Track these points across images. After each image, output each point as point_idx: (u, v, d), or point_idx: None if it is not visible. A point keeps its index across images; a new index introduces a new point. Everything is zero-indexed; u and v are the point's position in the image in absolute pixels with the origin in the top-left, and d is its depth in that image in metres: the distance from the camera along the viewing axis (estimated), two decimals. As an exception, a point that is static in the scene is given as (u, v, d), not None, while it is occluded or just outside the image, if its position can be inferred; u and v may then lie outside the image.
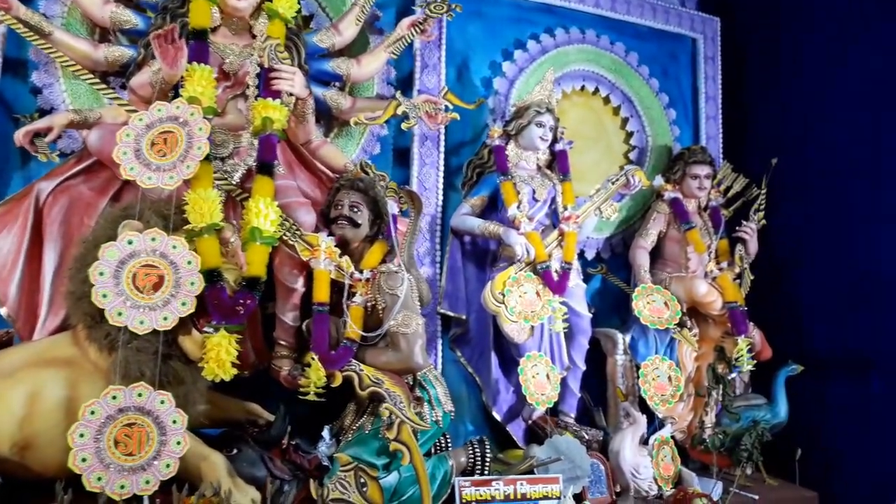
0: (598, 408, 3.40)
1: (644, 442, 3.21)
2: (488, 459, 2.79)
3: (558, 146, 3.48)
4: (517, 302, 3.07)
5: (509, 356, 3.26)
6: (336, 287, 2.68)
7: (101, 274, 2.23)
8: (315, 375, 2.51)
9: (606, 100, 3.95)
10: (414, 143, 3.37)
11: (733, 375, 3.69)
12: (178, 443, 2.20)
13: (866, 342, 3.67)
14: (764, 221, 3.83)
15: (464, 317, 3.30)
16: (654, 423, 3.43)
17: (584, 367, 3.43)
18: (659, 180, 3.81)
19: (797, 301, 3.97)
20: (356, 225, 2.74)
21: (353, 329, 2.60)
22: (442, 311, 3.29)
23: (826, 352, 3.81)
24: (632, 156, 3.99)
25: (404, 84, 3.41)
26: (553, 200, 3.39)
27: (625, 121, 3.99)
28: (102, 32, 2.87)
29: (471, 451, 2.80)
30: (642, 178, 3.47)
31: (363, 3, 3.14)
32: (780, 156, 3.86)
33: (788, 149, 4.00)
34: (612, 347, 3.52)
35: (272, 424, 2.59)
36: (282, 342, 2.71)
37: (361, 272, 2.70)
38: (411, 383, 2.71)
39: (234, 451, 2.49)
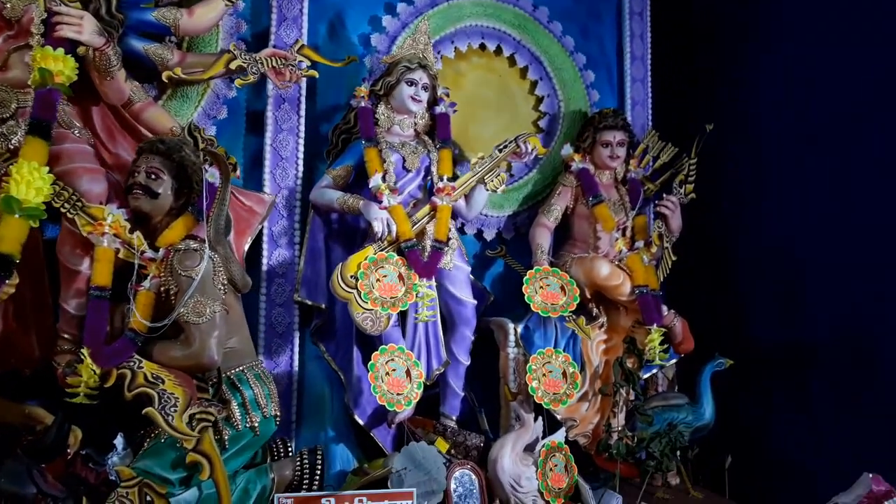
0: (481, 409, 2.94)
1: (531, 449, 2.75)
2: (318, 472, 2.36)
3: (438, 109, 3.03)
4: (374, 287, 2.62)
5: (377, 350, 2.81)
6: (128, 269, 2.26)
7: None
8: (86, 373, 2.10)
9: (512, 60, 3.48)
10: (268, 106, 2.93)
11: (654, 371, 3.23)
12: None
13: (806, 333, 3.18)
14: (693, 195, 3.34)
15: (323, 306, 2.85)
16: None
17: (467, 363, 2.98)
18: (567, 149, 3.34)
19: (731, 286, 3.49)
20: (154, 195, 2.31)
21: (137, 318, 2.17)
22: (299, 299, 2.85)
23: (764, 344, 3.33)
24: (542, 123, 3.53)
25: (260, 40, 2.98)
26: (427, 171, 2.94)
27: (534, 84, 3.52)
28: None
29: (298, 463, 2.36)
30: (536, 145, 3.01)
31: (194, -55, 2.71)
32: (717, 122, 3.36)
33: (726, 115, 3.51)
34: (503, 339, 3.06)
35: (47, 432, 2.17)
36: (64, 335, 2.29)
37: (157, 250, 2.28)
38: (217, 382, 2.27)
39: (-8, 463, 2.08)
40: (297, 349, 2.86)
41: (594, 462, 3.01)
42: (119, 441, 2.24)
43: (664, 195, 3.29)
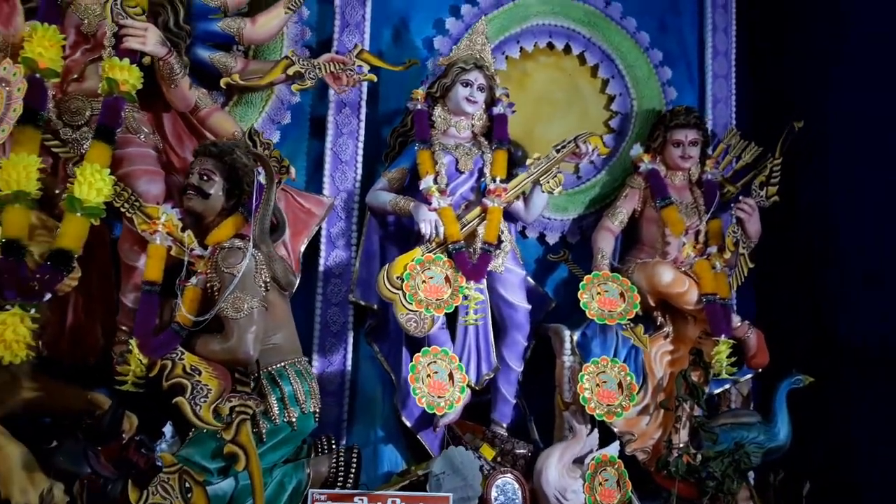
0: (531, 417, 2.87)
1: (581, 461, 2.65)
2: (353, 470, 2.38)
3: (496, 109, 2.98)
4: (419, 288, 2.62)
5: (427, 352, 2.81)
6: (181, 266, 2.38)
7: None
8: (133, 363, 2.23)
9: (581, 59, 3.38)
10: (330, 110, 3.01)
11: (726, 386, 3.02)
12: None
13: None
14: (776, 198, 3.10)
15: (375, 307, 2.88)
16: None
17: (518, 369, 2.91)
18: (637, 150, 3.20)
19: (819, 295, 3.20)
20: (205, 195, 2.42)
21: (183, 312, 2.28)
22: (353, 299, 2.90)
23: (852, 357, 3.03)
24: (613, 123, 3.40)
25: (325, 47, 3.06)
26: (482, 173, 2.90)
27: (605, 83, 3.40)
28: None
29: (335, 460, 2.40)
30: (597, 145, 2.90)
31: (258, -44, 2.83)
32: (806, 120, 3.11)
33: (815, 113, 3.24)
34: (559, 346, 2.96)
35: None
36: (123, 327, 2.44)
37: (206, 248, 2.39)
38: (259, 377, 2.34)
39: (54, 443, 2.26)
40: (350, 349, 2.91)
41: (654, 480, 2.85)
42: (168, 429, 2.36)
43: (741, 197, 3.07)
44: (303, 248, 2.83)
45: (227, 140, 2.63)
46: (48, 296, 2.17)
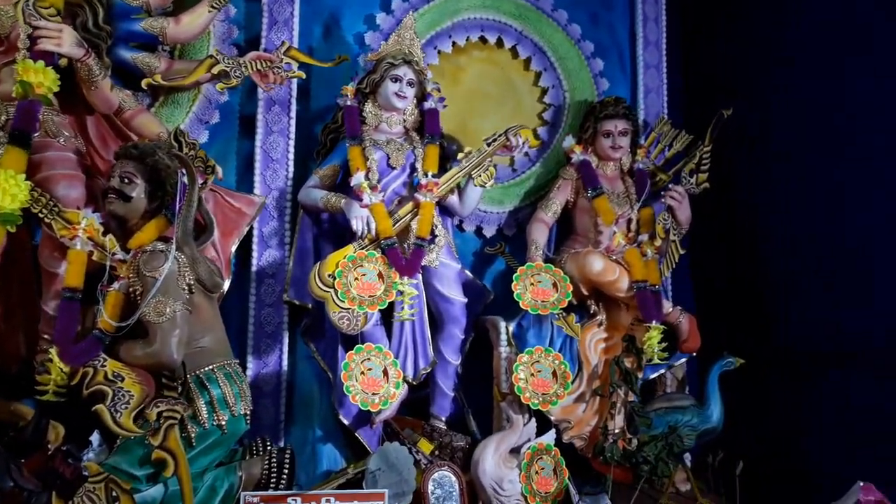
0: (469, 410, 2.89)
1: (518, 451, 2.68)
2: (286, 471, 2.37)
3: (427, 104, 2.99)
4: (352, 285, 2.62)
5: (363, 350, 2.80)
6: (104, 272, 2.34)
7: None
8: (55, 371, 2.19)
9: (514, 52, 3.40)
10: (259, 108, 2.98)
11: (661, 371, 3.08)
12: None
13: (830, 329, 2.96)
14: (707, 184, 3.16)
15: (310, 306, 2.86)
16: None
17: (456, 362, 2.93)
18: (569, 141, 3.23)
19: (753, 281, 3.29)
20: (126, 198, 2.37)
21: (104, 318, 2.25)
22: (288, 299, 2.88)
23: (789, 341, 3.12)
24: (547, 115, 3.43)
25: (253, 45, 3.02)
26: (414, 168, 2.90)
27: (538, 75, 3.43)
28: None
29: (267, 462, 2.38)
30: (528, 137, 2.94)
31: (180, -47, 2.79)
32: (736, 107, 3.17)
33: (757, 100, 3.32)
34: (496, 338, 2.98)
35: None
36: (45, 335, 2.38)
37: (128, 252, 2.35)
38: (186, 381, 2.31)
39: (-26, 457, 2.20)
40: (286, 349, 2.89)
41: (592, 466, 2.89)
42: (95, 437, 2.31)
43: (671, 185, 3.12)
44: (234, 249, 2.80)
45: (150, 141, 2.59)
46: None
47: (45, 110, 2.46)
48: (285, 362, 2.88)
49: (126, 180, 2.39)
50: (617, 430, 2.86)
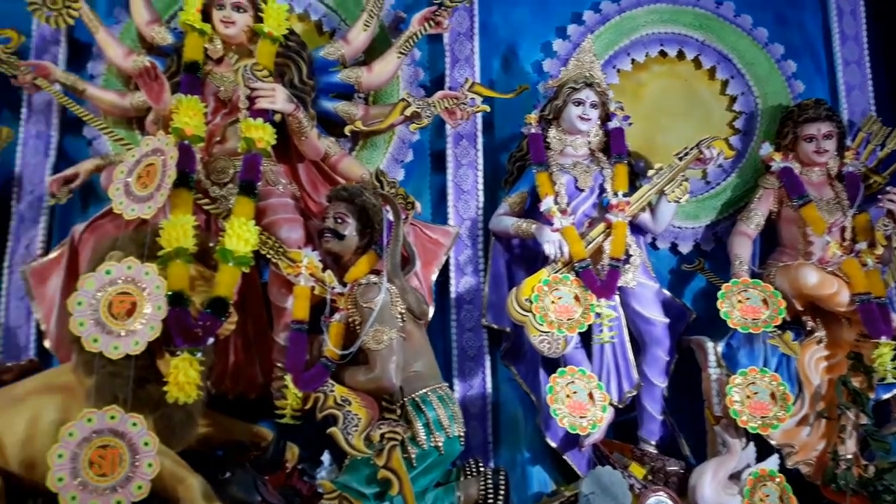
0: (681, 434, 2.78)
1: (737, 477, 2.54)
2: (502, 492, 2.41)
3: (611, 124, 2.97)
4: (549, 309, 2.63)
5: (563, 372, 2.80)
6: (325, 304, 2.54)
7: (79, 304, 2.33)
8: (290, 397, 2.40)
9: (697, 63, 3.31)
10: (448, 144, 3.12)
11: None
12: (150, 465, 2.21)
13: None
14: (928, 184, 2.87)
15: (508, 329, 2.91)
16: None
17: (662, 385, 2.84)
18: (767, 148, 3.07)
19: None
20: (340, 237, 2.57)
21: (330, 347, 2.43)
22: (486, 323, 2.95)
23: None
24: (738, 123, 3.28)
25: (438, 84, 3.19)
26: (603, 189, 2.89)
27: (724, 84, 3.30)
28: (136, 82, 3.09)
29: (483, 483, 2.44)
30: (722, 149, 2.83)
31: (370, 8, 3.00)
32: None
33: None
34: (703, 359, 2.85)
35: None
36: (278, 364, 2.62)
37: (345, 286, 2.53)
38: (404, 404, 2.43)
39: (228, 474, 2.44)
40: (488, 372, 2.95)
41: (822, 494, 2.67)
42: (326, 457, 2.51)
43: (889, 188, 2.86)
44: (434, 278, 2.93)
45: (355, 183, 2.79)
46: (210, 340, 2.37)
47: (265, 161, 2.73)
48: (489, 385, 2.93)
49: (339, 220, 2.59)
50: (849, 456, 2.62)
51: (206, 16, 2.83)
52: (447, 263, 3.00)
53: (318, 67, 2.98)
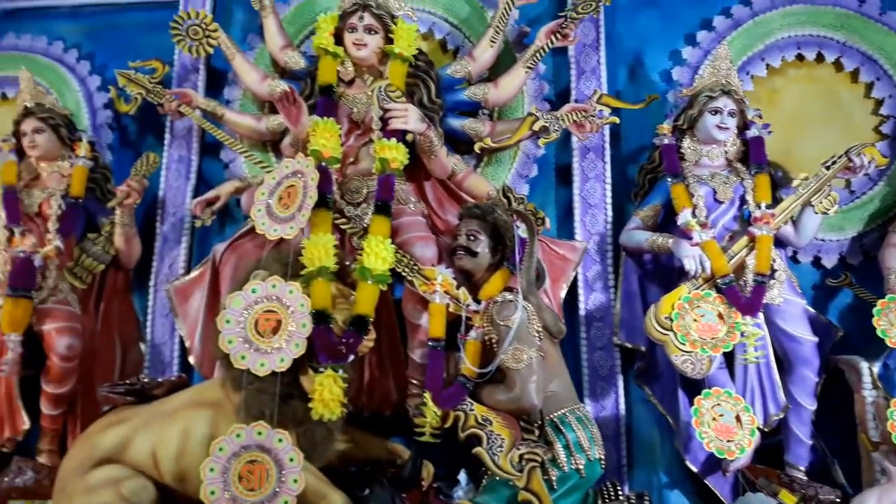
0: (834, 460, 2.60)
1: (903, 509, 2.35)
2: (644, 517, 2.33)
3: (749, 133, 2.85)
4: (690, 327, 2.54)
5: (703, 393, 2.69)
6: (458, 321, 2.54)
7: (227, 322, 2.42)
8: (429, 415, 2.40)
9: (838, 65, 3.12)
10: (574, 157, 3.07)
11: None
12: (295, 480, 2.27)
13: None
14: None
15: (643, 348, 2.83)
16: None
17: (811, 407, 2.68)
18: (921, 153, 2.86)
19: None
20: (473, 254, 2.58)
21: (467, 365, 2.42)
22: (618, 342, 2.87)
23: None
24: (885, 128, 3.07)
25: (564, 97, 3.15)
26: (743, 200, 2.76)
27: (869, 87, 3.10)
28: (270, 106, 3.21)
29: (624, 507, 2.37)
30: (875, 156, 2.65)
31: (496, 25, 3.01)
32: None
33: None
34: (856, 380, 2.67)
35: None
36: (413, 381, 2.64)
37: (480, 303, 2.52)
38: (541, 425, 2.39)
39: (367, 491, 2.48)
40: (621, 392, 2.87)
41: None
42: (462, 477, 2.50)
43: None
44: (563, 294, 2.88)
45: (485, 200, 2.78)
46: (351, 357, 2.42)
47: (396, 180, 2.77)
48: (622, 406, 2.85)
49: (472, 237, 2.59)
50: None
51: (338, 39, 2.91)
52: (575, 280, 2.95)
53: (445, 86, 3.01)
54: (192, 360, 2.95)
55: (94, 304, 3.18)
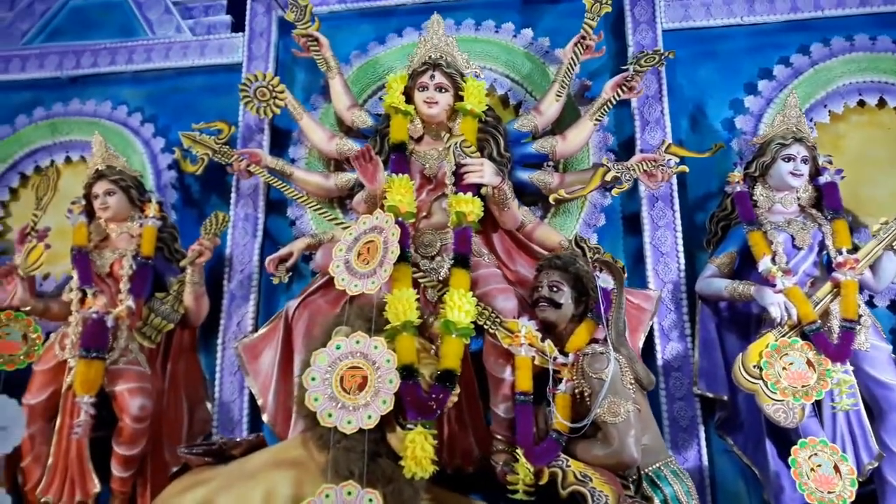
0: (936, 512, 2.52)
1: None
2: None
3: (822, 179, 2.85)
4: (780, 376, 2.50)
5: (792, 442, 2.62)
6: (542, 374, 2.51)
7: (313, 379, 2.41)
8: (522, 471, 2.36)
9: (902, 109, 3.15)
10: (643, 206, 3.08)
11: None
12: (384, 538, 2.23)
13: None
14: None
15: (725, 397, 2.78)
16: None
17: (906, 455, 2.60)
18: None
19: None
20: (557, 305, 2.56)
21: (559, 420, 2.38)
22: (699, 392, 2.83)
23: None
24: (952, 171, 3.07)
25: (627, 148, 3.18)
26: (822, 246, 2.75)
27: (933, 129, 3.12)
28: (336, 164, 3.25)
29: (724, 565, 2.29)
30: (953, 198, 2.63)
31: (561, 79, 3.06)
32: None
33: None
34: (950, 427, 2.61)
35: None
36: (498, 436, 2.59)
37: (567, 355, 2.49)
38: (637, 479, 2.34)
39: (454, 549, 2.42)
40: (703, 443, 2.81)
41: None
42: (556, 535, 2.43)
43: None
44: (641, 344, 2.86)
45: (560, 251, 2.78)
46: (439, 412, 2.38)
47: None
48: (705, 457, 2.79)
49: (554, 289, 2.58)
50: None
51: (406, 97, 2.96)
52: (651, 329, 2.92)
53: (513, 140, 3.04)
54: (265, 418, 2.92)
55: (161, 363, 3.17)
